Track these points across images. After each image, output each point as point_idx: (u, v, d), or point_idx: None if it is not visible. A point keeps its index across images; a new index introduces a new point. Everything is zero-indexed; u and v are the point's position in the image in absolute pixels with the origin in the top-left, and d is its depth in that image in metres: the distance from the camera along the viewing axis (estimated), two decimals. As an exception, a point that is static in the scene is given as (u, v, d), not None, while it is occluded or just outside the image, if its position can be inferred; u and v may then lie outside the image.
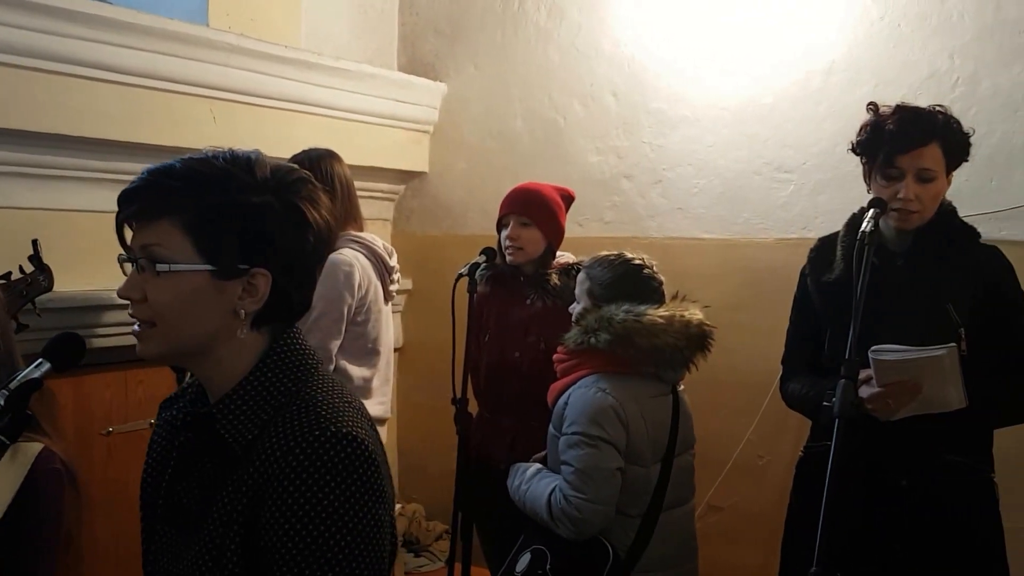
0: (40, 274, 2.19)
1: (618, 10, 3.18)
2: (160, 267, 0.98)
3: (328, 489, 0.93)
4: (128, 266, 1.02)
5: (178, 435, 1.08)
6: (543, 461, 2.08)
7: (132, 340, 1.05)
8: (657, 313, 1.92)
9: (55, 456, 1.77)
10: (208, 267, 0.99)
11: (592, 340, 1.92)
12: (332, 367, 2.39)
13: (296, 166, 1.08)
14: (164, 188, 0.99)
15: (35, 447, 1.73)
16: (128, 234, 1.03)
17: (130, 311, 1.02)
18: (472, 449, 2.39)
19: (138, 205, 1.00)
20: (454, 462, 2.34)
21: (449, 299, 2.31)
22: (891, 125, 1.76)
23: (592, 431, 1.86)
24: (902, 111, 1.78)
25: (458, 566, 2.35)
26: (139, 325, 1.02)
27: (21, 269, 2.18)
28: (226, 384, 1.03)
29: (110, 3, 2.44)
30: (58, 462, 1.76)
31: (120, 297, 1.03)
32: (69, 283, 2.36)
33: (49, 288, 2.22)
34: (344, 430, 0.97)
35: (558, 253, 2.45)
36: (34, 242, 2.20)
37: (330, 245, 1.09)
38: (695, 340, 1.95)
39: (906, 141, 1.73)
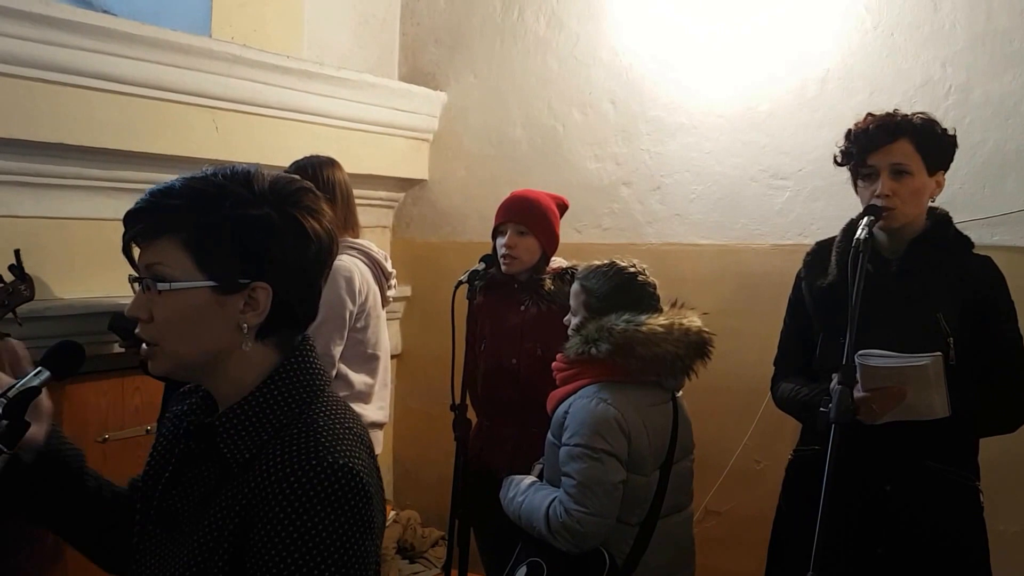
0: (21, 283, 2.18)
1: (616, 20, 3.21)
2: (161, 286, 1.00)
3: (318, 519, 0.93)
4: (137, 286, 1.04)
5: (179, 441, 1.08)
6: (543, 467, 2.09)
7: (129, 348, 1.06)
8: (657, 322, 1.92)
9: None
10: (209, 283, 1.00)
11: (592, 350, 1.92)
12: (335, 372, 2.42)
13: (297, 177, 1.08)
14: (164, 207, 1.01)
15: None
16: (137, 253, 1.05)
17: (137, 330, 1.04)
18: (472, 457, 2.39)
19: (141, 225, 1.02)
20: (450, 469, 2.34)
21: (447, 306, 2.33)
22: (861, 129, 1.83)
23: (595, 443, 1.84)
24: (872, 116, 1.85)
25: (455, 573, 2.35)
26: (146, 345, 1.04)
27: (1, 279, 2.16)
28: (233, 396, 1.03)
29: (113, 14, 2.47)
30: None
31: (128, 316, 1.05)
32: (67, 291, 2.38)
33: (31, 298, 2.21)
34: (340, 461, 0.97)
35: (551, 259, 2.46)
36: (16, 252, 2.20)
37: (333, 255, 1.09)
38: (695, 347, 1.95)
39: (875, 139, 1.79)
